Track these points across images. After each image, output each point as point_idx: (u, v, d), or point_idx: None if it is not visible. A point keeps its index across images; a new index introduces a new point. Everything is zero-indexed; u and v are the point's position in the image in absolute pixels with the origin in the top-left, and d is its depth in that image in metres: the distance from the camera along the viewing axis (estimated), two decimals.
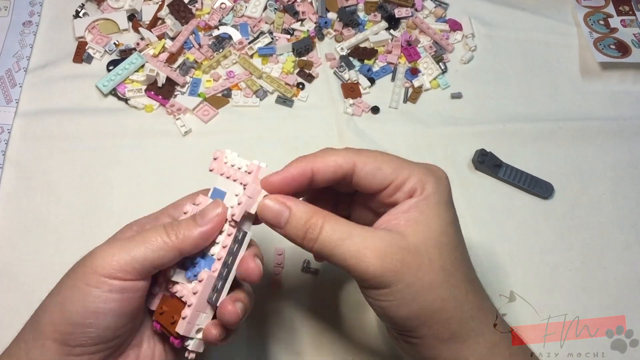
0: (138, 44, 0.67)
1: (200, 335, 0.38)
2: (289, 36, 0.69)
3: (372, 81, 0.67)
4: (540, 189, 0.61)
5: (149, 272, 0.37)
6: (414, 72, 0.67)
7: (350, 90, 0.66)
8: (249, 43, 0.68)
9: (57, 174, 0.60)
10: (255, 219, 0.39)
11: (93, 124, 0.63)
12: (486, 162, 0.61)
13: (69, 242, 0.56)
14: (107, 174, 0.60)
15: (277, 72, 0.67)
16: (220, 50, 0.68)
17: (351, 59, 0.68)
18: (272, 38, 0.69)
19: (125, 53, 0.67)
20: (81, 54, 0.67)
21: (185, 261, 0.39)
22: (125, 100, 0.64)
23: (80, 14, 0.70)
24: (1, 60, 0.67)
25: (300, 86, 0.67)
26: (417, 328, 0.36)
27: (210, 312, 0.39)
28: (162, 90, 0.65)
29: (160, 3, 0.71)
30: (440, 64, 0.68)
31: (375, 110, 0.65)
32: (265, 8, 0.71)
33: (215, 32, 0.69)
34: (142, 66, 0.66)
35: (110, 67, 0.66)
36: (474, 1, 0.74)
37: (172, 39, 0.68)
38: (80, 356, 0.35)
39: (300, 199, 0.40)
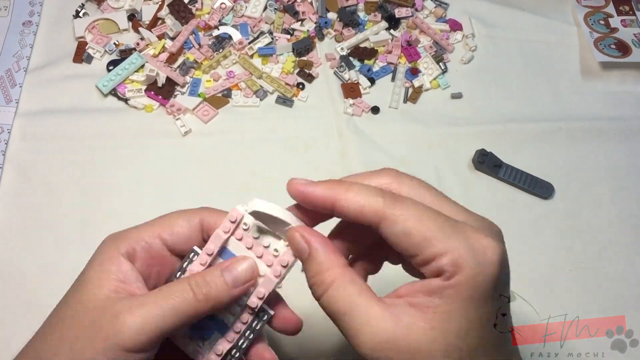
0: (138, 44, 0.67)
1: None
2: (289, 36, 0.69)
3: (372, 81, 0.67)
4: (540, 189, 0.61)
5: (168, 335, 0.34)
6: (414, 72, 0.67)
7: (350, 90, 0.66)
8: (249, 43, 0.68)
9: (57, 173, 0.60)
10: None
11: (93, 124, 0.63)
12: (486, 162, 0.61)
13: (69, 242, 0.56)
14: (107, 174, 0.60)
15: (277, 72, 0.67)
16: (220, 50, 0.68)
17: (351, 59, 0.68)
18: (272, 38, 0.69)
19: (125, 53, 0.67)
20: (81, 54, 0.67)
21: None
22: (125, 101, 0.64)
23: (80, 14, 0.70)
24: (1, 60, 0.67)
25: (300, 86, 0.67)
26: None
27: None
28: (162, 90, 0.65)
29: (160, 3, 0.71)
30: (441, 64, 0.68)
31: (375, 110, 0.65)
32: (265, 8, 0.71)
33: (215, 32, 0.69)
34: (142, 66, 0.66)
35: (110, 67, 0.66)
36: (474, 1, 0.74)
37: (172, 39, 0.68)
38: None
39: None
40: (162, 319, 0.32)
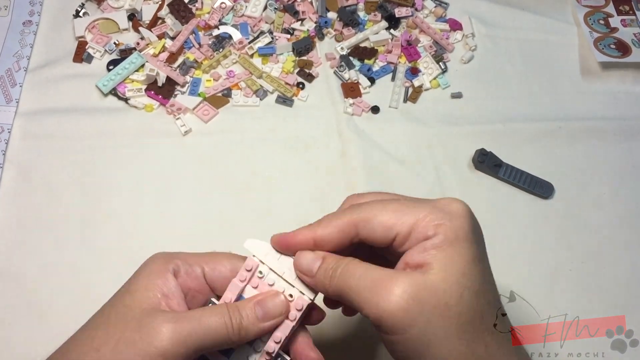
0: (138, 43, 0.67)
1: None
2: (289, 36, 0.69)
3: (372, 81, 0.67)
4: (540, 188, 0.61)
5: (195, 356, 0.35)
6: (414, 72, 0.67)
7: (350, 90, 0.66)
8: (249, 43, 0.68)
9: (57, 173, 0.60)
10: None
11: (93, 124, 0.63)
12: (486, 162, 0.61)
13: (69, 242, 0.56)
14: (107, 174, 0.60)
15: (277, 72, 0.67)
16: (220, 50, 0.68)
17: (351, 58, 0.68)
18: (272, 38, 0.69)
19: (125, 53, 0.67)
20: (81, 54, 0.67)
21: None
22: (126, 100, 0.64)
23: (81, 14, 0.70)
24: (1, 59, 0.67)
25: (300, 86, 0.67)
26: None
27: None
28: (162, 90, 0.65)
29: (160, 3, 0.71)
30: (441, 63, 0.68)
31: (375, 110, 0.65)
32: (265, 8, 0.71)
33: (215, 32, 0.69)
34: (142, 66, 0.66)
35: (110, 67, 0.66)
36: (474, 1, 0.74)
37: (173, 38, 0.68)
38: None
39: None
40: (198, 337, 0.34)
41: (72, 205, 0.58)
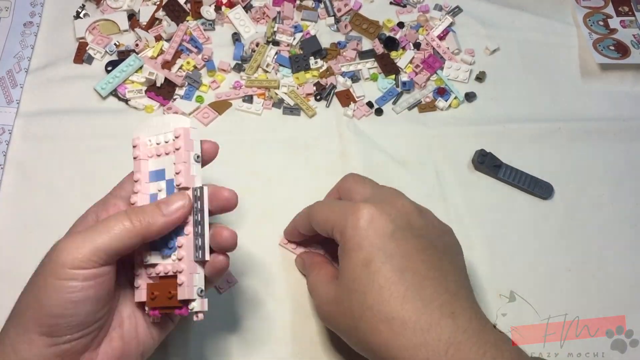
0: (137, 45, 0.67)
1: (202, 294, 0.40)
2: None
3: (378, 112, 0.65)
4: (540, 189, 0.61)
5: (114, 258, 0.38)
6: (441, 92, 0.66)
7: (346, 98, 0.66)
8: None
9: (57, 174, 0.60)
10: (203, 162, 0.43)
11: (94, 125, 0.63)
12: (486, 163, 0.61)
13: None
14: (108, 175, 0.60)
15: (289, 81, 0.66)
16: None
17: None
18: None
19: (124, 54, 0.67)
20: (82, 55, 0.67)
21: (154, 243, 0.40)
22: (126, 101, 0.64)
23: (81, 15, 0.70)
24: (2, 60, 0.67)
25: (317, 97, 0.66)
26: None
27: (201, 270, 0.41)
28: (162, 91, 0.65)
29: (158, 3, 0.71)
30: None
31: (379, 112, 0.65)
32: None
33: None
34: (141, 67, 0.66)
35: (109, 68, 0.66)
36: (474, 1, 0.74)
37: (168, 40, 0.68)
38: (66, 344, 0.37)
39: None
40: (100, 240, 0.37)
41: (72, 205, 0.58)
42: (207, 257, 0.40)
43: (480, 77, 0.68)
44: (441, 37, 0.70)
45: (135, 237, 0.38)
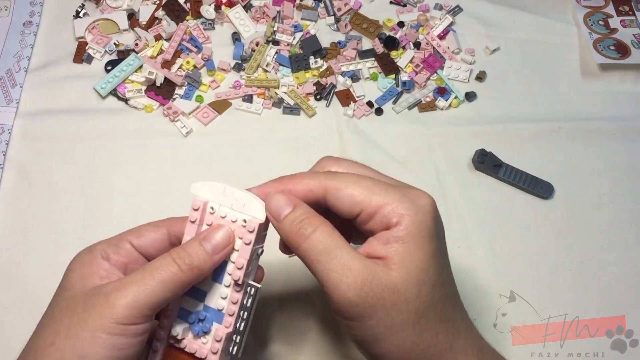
0: (137, 44, 0.67)
1: None
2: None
3: (378, 112, 0.65)
4: (540, 189, 0.61)
5: (160, 309, 0.36)
6: (441, 92, 0.66)
7: (346, 97, 0.66)
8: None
9: (57, 174, 0.60)
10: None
11: (93, 124, 0.63)
12: (486, 162, 0.61)
13: (69, 242, 0.56)
14: (108, 174, 0.60)
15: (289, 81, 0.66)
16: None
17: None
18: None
19: (123, 54, 0.67)
20: (81, 54, 0.67)
21: (183, 311, 0.38)
22: (125, 101, 0.64)
23: (81, 14, 0.70)
24: (2, 60, 0.67)
25: (317, 97, 0.66)
26: None
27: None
28: (162, 91, 0.65)
29: (157, 3, 0.71)
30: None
31: (379, 112, 0.65)
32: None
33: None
34: (141, 67, 0.66)
35: (109, 67, 0.66)
36: (475, 0, 0.74)
37: (167, 39, 0.68)
38: None
39: None
40: (152, 292, 0.34)
41: (72, 205, 0.58)
42: (239, 354, 0.37)
43: (481, 77, 0.68)
44: (441, 37, 0.70)
45: (182, 285, 0.35)
